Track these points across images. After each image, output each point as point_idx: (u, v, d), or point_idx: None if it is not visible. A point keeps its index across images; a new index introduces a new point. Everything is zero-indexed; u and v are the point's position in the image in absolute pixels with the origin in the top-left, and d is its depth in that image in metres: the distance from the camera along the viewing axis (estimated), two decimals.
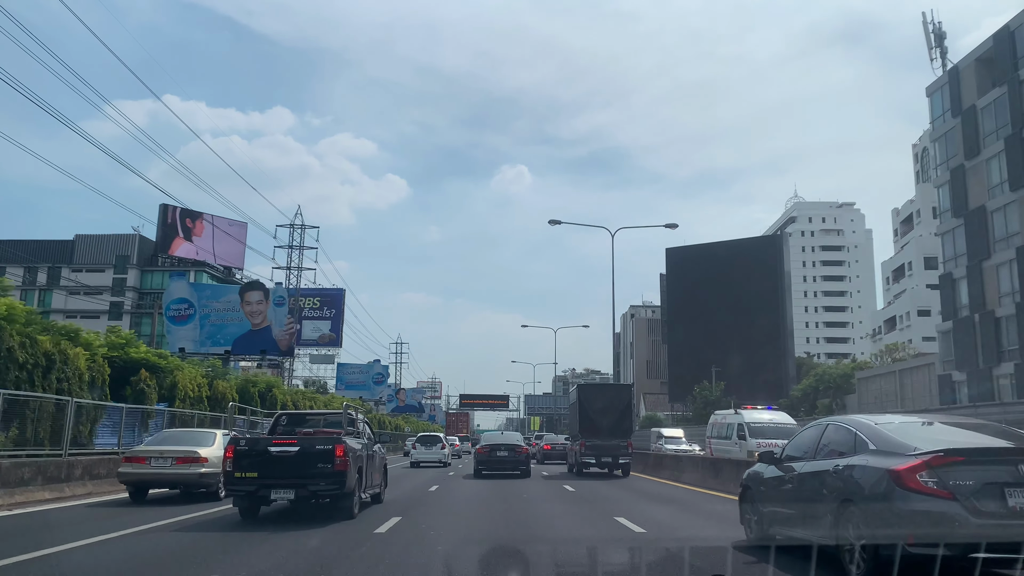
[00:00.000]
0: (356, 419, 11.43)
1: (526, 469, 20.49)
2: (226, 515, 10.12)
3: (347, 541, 7.72)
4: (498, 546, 7.49)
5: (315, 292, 61.19)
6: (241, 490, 9.33)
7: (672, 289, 76.95)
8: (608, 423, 20.90)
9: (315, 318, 61.32)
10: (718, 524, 9.68)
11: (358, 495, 10.19)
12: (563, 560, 6.76)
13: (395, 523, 9.29)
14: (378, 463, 12.14)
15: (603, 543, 7.88)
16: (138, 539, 7.99)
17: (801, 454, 6.76)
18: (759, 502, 7.21)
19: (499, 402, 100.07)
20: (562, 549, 7.50)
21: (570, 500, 13.53)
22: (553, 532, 8.96)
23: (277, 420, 12.01)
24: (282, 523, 9.38)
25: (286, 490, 9.27)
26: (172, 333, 40.10)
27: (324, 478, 9.29)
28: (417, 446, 29.12)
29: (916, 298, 66.53)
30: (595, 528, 9.36)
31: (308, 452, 9.36)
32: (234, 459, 9.35)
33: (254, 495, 9.35)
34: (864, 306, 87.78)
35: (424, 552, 7.13)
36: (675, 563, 6.63)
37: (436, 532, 8.66)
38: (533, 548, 7.27)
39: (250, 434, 14.65)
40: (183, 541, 7.90)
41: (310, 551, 7.17)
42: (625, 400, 22.39)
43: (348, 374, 74.97)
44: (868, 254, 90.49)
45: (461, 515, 10.66)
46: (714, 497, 13.96)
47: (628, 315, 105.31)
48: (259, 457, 9.38)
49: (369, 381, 75.75)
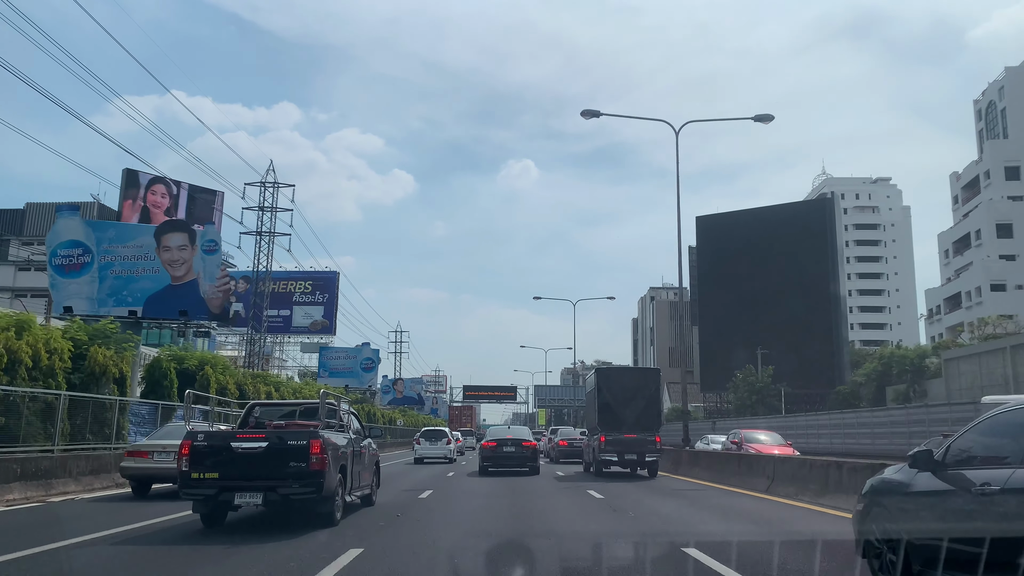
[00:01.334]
0: (339, 409, 10.39)
1: (534, 465, 20.06)
2: (195, 521, 9.18)
3: (315, 560, 6.71)
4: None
5: (306, 275, 60.26)
6: (199, 493, 8.44)
7: (704, 264, 70.69)
8: (632, 414, 19.08)
9: (306, 304, 60.45)
10: None
11: (341, 498, 9.34)
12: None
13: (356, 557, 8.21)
14: (368, 461, 11.36)
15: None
16: (67, 553, 7.05)
17: (993, 455, 4.47)
18: (902, 529, 4.92)
19: (506, 394, 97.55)
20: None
21: (603, 514, 10.95)
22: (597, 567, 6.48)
23: (249, 411, 11.04)
24: (251, 532, 8.47)
25: (253, 493, 8.35)
26: (59, 288, 30.33)
27: (298, 479, 8.37)
28: (421, 441, 28.86)
29: (988, 271, 60.62)
30: None
31: (278, 448, 8.45)
32: (190, 457, 8.43)
33: (215, 499, 8.41)
34: (902, 289, 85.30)
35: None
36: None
37: None
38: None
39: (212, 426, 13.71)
40: (116, 556, 6.96)
41: (270, 569, 6.21)
42: (652, 386, 20.16)
43: (332, 359, 68.37)
44: (906, 233, 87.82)
45: (456, 544, 8.03)
46: (788, 508, 11.30)
47: (647, 298, 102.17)
48: (220, 454, 8.48)
49: (357, 367, 69.44)
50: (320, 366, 68.26)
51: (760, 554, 6.99)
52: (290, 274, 59.79)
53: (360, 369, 69.53)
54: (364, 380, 69.92)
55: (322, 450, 8.47)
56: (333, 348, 68.77)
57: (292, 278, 60.29)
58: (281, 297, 60.42)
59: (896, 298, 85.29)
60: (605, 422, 19.23)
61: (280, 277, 60.14)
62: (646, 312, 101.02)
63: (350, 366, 68.82)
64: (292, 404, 12.51)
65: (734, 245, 66.08)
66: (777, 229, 64.49)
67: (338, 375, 65.13)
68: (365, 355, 71.41)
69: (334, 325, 61.42)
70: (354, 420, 11.38)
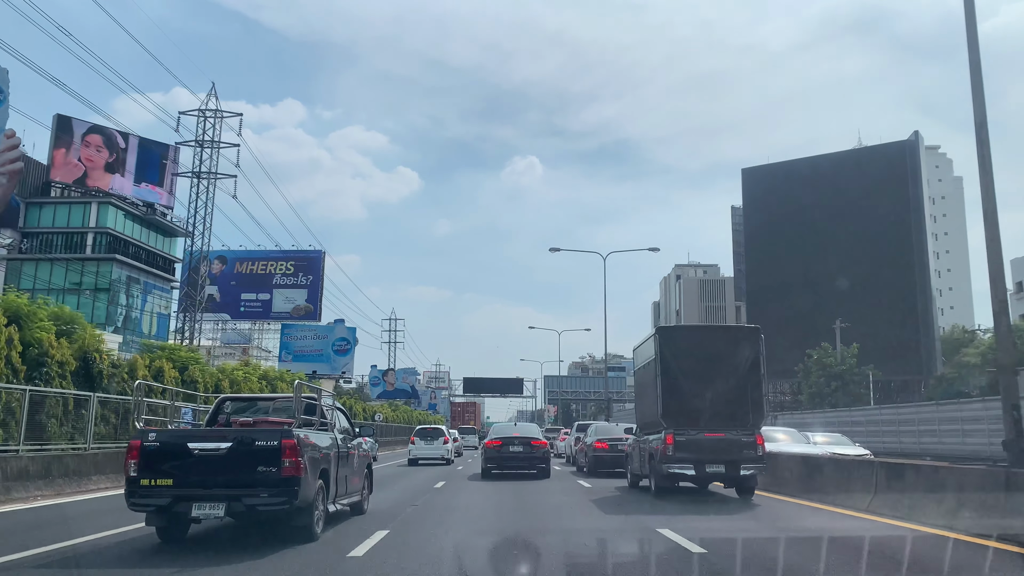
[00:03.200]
0: (320, 404, 9.68)
1: (545, 468, 19.36)
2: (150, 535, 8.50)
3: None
4: None
5: (287, 255, 59.35)
6: (149, 503, 7.73)
7: (752, 226, 63.22)
8: (718, 399, 13.51)
9: (288, 286, 59.69)
10: None
11: (322, 508, 8.68)
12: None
13: None
14: (357, 463, 10.75)
15: None
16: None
17: None
18: None
19: (508, 389, 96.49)
20: None
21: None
22: None
23: (218, 407, 10.35)
24: (213, 550, 7.79)
25: (213, 504, 7.63)
26: None
27: (267, 487, 7.67)
28: (416, 440, 28.49)
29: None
30: None
31: (244, 450, 7.73)
32: (140, 460, 7.72)
33: (169, 510, 7.70)
34: (954, 269, 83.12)
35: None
36: None
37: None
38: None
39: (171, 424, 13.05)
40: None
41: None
42: (748, 356, 13.78)
43: (296, 339, 60.98)
44: (958, 205, 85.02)
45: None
46: None
47: (672, 278, 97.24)
48: (176, 458, 7.79)
49: (328, 349, 61.68)
50: (281, 348, 60.99)
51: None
52: (269, 253, 58.95)
53: (332, 351, 61.84)
54: (337, 365, 62.37)
55: (297, 452, 7.76)
56: (298, 326, 61.38)
57: (272, 258, 59.49)
58: (259, 279, 59.62)
59: (948, 279, 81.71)
60: (673, 413, 13.55)
61: (258, 257, 59.43)
62: (670, 294, 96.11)
63: (319, 348, 61.36)
64: (270, 399, 11.82)
65: (789, 203, 58.20)
66: (844, 182, 57.17)
67: (304, 359, 59.24)
68: (339, 335, 62.96)
69: (319, 310, 60.63)
70: (341, 417, 10.72)
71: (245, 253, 59.35)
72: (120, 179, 50.13)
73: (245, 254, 59.54)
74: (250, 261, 59.93)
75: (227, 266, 59.93)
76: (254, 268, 60.01)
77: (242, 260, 59.97)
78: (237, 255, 59.66)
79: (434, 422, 50.02)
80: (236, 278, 59.80)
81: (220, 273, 59.35)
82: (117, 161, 50.37)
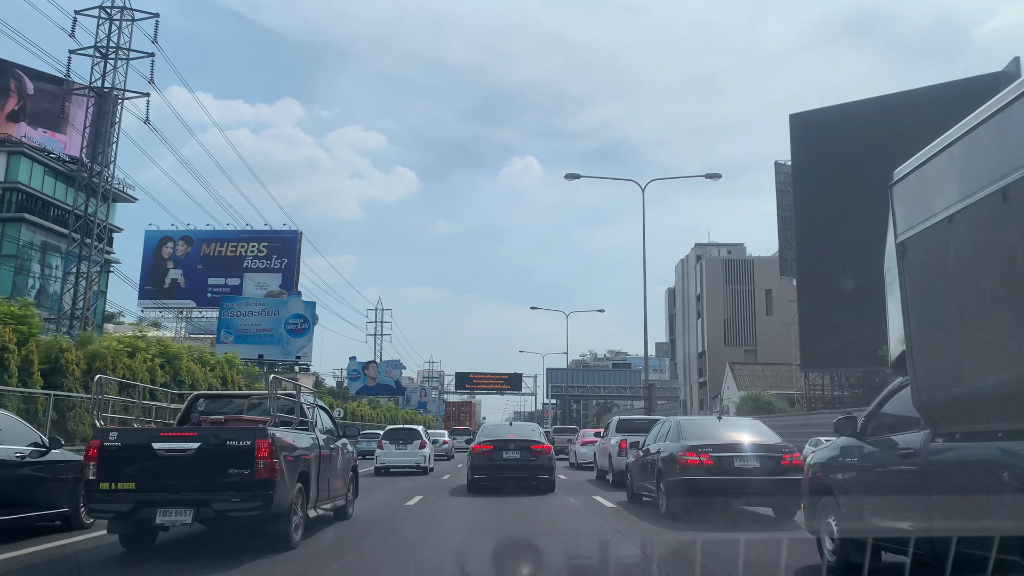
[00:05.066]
0: (299, 402, 9.69)
1: (548, 480, 16.69)
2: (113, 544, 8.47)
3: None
4: None
5: (259, 235, 59.09)
6: (110, 509, 7.70)
7: (803, 186, 55.64)
8: None
9: (260, 270, 59.35)
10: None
11: (302, 513, 8.70)
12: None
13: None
14: (342, 465, 10.86)
15: None
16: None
17: None
18: None
19: (505, 386, 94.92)
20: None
21: None
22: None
23: (191, 404, 10.36)
24: (179, 559, 7.76)
25: (180, 509, 7.60)
26: None
27: (239, 491, 7.65)
28: (385, 444, 25.78)
29: None
30: None
31: (214, 451, 7.71)
32: (99, 461, 7.68)
33: (131, 517, 7.67)
34: None
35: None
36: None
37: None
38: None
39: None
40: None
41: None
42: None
43: (239, 315, 53.65)
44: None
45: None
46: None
47: (690, 259, 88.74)
48: (139, 459, 7.75)
49: (279, 329, 53.94)
50: (220, 325, 53.33)
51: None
52: (240, 233, 58.63)
53: (285, 331, 54.27)
54: (291, 347, 54.71)
55: (271, 453, 7.73)
56: (241, 298, 55.07)
57: (242, 238, 59.16)
58: (229, 262, 59.35)
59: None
60: None
61: (227, 237, 59.17)
62: (688, 277, 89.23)
63: (268, 326, 53.71)
64: (245, 396, 11.85)
65: (853, 155, 50.53)
66: (922, 127, 48.80)
67: (248, 340, 52.08)
68: (293, 310, 55.12)
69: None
70: (324, 416, 10.76)
71: (213, 233, 58.97)
72: (27, 127, 44.89)
73: (213, 234, 59.16)
74: (218, 242, 59.56)
75: (193, 248, 59.59)
76: (223, 250, 59.66)
77: (209, 241, 59.60)
78: (204, 235, 59.28)
79: (421, 423, 49.33)
80: (203, 261, 59.43)
81: (185, 255, 59.02)
82: (21, 109, 45.28)
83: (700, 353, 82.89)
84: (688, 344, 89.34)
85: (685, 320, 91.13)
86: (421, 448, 25.68)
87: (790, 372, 64.92)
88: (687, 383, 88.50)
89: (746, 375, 68.65)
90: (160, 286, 57.51)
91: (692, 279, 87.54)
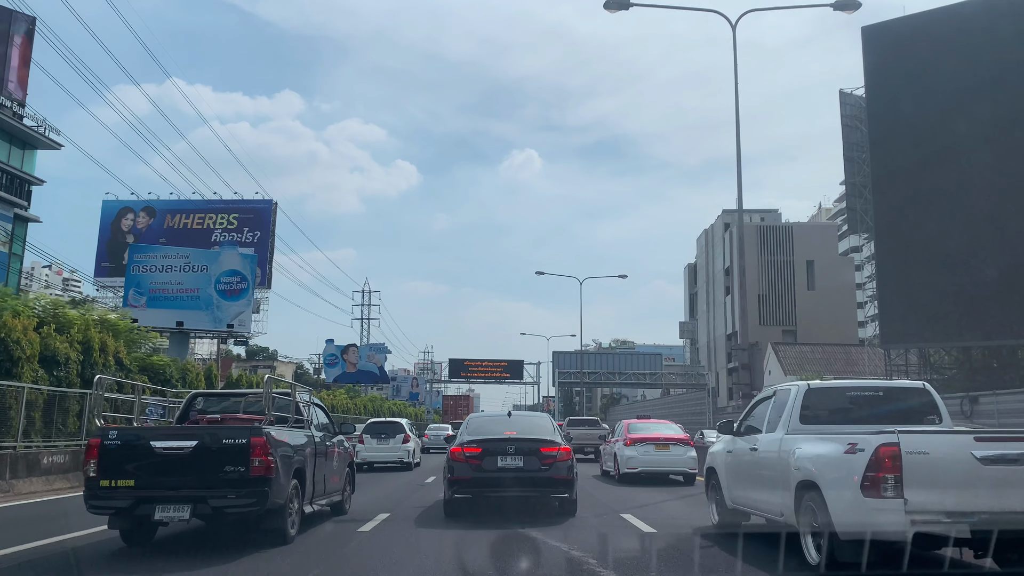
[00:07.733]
0: (295, 399, 11.04)
1: (568, 497, 12.82)
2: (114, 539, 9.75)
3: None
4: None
5: (230, 205, 60.10)
6: (110, 506, 8.96)
7: (881, 119, 46.24)
8: None
9: (230, 243, 60.57)
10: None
11: (298, 509, 10.00)
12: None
13: None
14: (338, 462, 12.30)
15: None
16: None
17: None
18: None
19: (505, 374, 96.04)
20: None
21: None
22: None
23: (190, 403, 11.66)
24: (177, 555, 9.04)
25: (178, 505, 8.87)
26: None
27: (235, 487, 8.91)
28: (366, 439, 26.57)
29: None
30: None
31: (211, 449, 8.97)
32: (99, 460, 8.92)
33: (131, 513, 8.94)
34: None
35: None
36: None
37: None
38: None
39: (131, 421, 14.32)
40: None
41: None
42: None
43: (155, 269, 47.61)
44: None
45: None
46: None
47: (717, 228, 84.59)
48: (138, 457, 8.99)
49: (208, 288, 47.87)
50: (128, 283, 47.52)
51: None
52: (208, 204, 59.70)
53: (215, 292, 48.36)
54: (224, 314, 48.47)
55: (267, 451, 8.97)
56: (158, 248, 50.69)
57: (211, 209, 60.19)
58: (195, 235, 60.20)
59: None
60: None
61: (194, 208, 60.20)
62: (714, 249, 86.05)
63: (194, 286, 47.79)
64: (242, 395, 13.07)
65: (948, 77, 42.25)
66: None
67: (166, 302, 46.45)
68: (227, 266, 49.32)
69: (268, 274, 61.62)
70: (319, 413, 12.04)
71: (177, 203, 59.95)
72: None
73: (177, 204, 60.12)
74: (183, 213, 60.51)
75: (155, 219, 60.60)
76: (188, 222, 60.56)
77: (174, 212, 60.52)
78: (167, 205, 60.24)
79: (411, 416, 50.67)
80: (166, 234, 60.22)
81: (147, 228, 60.05)
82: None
83: (729, 335, 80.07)
84: (713, 325, 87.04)
85: (710, 298, 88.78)
86: (404, 443, 26.59)
87: (846, 354, 63.65)
88: (712, 369, 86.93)
89: (792, 357, 64.97)
90: (119, 262, 57.91)
91: (719, 251, 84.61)
